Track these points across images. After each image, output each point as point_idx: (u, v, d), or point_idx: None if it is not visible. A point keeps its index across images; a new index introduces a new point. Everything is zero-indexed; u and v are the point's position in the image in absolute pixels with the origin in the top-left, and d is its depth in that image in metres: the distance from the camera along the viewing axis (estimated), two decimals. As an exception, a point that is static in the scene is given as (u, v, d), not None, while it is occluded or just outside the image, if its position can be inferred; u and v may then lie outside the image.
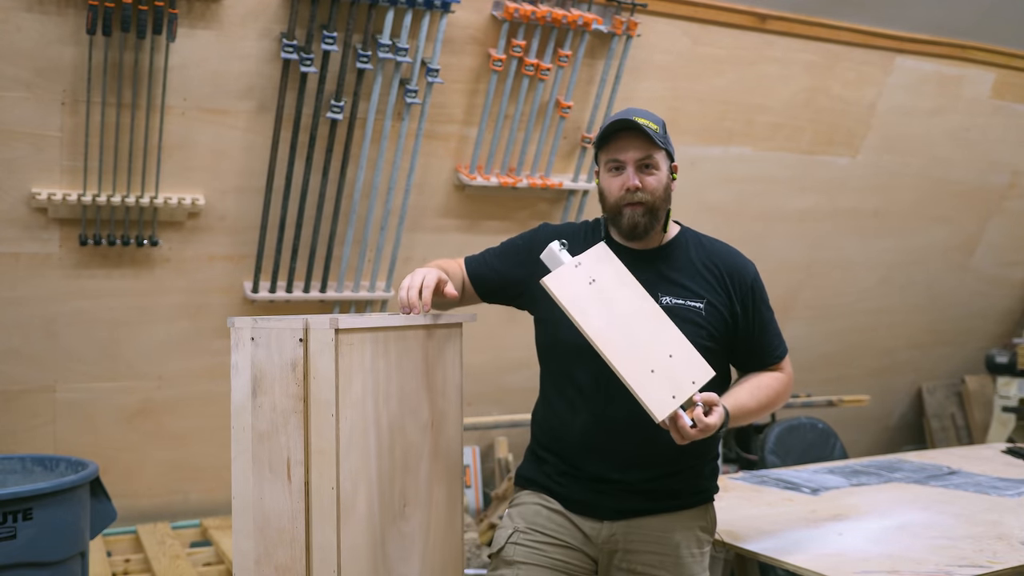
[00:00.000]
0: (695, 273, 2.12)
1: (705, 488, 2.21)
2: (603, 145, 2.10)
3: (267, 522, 1.89)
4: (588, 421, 2.10)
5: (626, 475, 2.09)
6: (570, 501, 2.14)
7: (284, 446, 1.86)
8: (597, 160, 2.15)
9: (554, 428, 2.17)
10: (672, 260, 2.14)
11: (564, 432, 2.14)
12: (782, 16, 4.64)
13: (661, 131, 2.08)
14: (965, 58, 5.24)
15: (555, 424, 2.16)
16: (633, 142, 2.06)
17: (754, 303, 2.16)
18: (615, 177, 2.08)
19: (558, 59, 4.20)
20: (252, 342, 1.90)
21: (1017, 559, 2.41)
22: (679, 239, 2.19)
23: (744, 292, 2.15)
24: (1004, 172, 5.91)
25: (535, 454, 2.22)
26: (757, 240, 5.32)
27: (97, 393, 4.09)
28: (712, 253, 2.18)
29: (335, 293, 4.23)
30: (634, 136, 2.06)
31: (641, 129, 2.04)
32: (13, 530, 2.54)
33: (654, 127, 2.06)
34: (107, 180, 3.73)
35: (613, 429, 2.08)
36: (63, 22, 3.46)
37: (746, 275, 2.18)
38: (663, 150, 2.09)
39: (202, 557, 4.03)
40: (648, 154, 2.07)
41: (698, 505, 2.18)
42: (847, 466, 3.66)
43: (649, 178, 2.07)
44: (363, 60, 3.82)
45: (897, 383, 6.59)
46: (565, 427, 2.13)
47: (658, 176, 2.08)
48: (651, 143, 2.06)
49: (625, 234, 2.11)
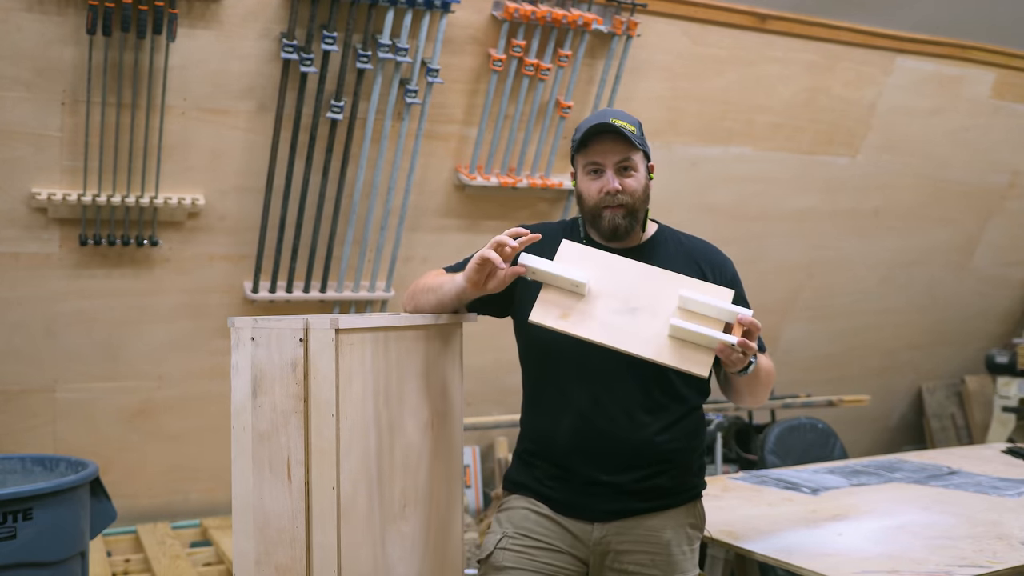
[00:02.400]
0: (677, 269, 2.10)
1: (694, 485, 2.20)
2: (581, 148, 2.10)
3: (267, 522, 1.89)
4: (575, 423, 2.09)
5: (616, 476, 2.08)
6: (560, 504, 2.12)
7: (284, 446, 1.86)
8: (574, 163, 2.15)
9: (541, 431, 2.15)
10: (653, 258, 2.13)
11: (551, 435, 2.12)
12: (782, 16, 4.64)
13: (638, 132, 2.09)
14: (965, 58, 5.24)
15: (542, 427, 2.15)
16: (611, 145, 2.06)
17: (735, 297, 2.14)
18: (594, 180, 2.09)
19: (558, 59, 4.20)
20: (252, 342, 1.90)
21: (1017, 559, 2.41)
22: (658, 237, 2.20)
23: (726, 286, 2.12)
24: (1004, 172, 5.91)
25: (523, 458, 2.20)
26: (757, 240, 5.32)
27: (97, 393, 4.09)
28: (692, 249, 2.19)
29: (335, 293, 4.22)
30: (612, 139, 2.06)
31: (619, 131, 2.04)
32: (13, 530, 2.54)
33: (631, 128, 2.06)
34: (107, 180, 3.73)
35: (601, 430, 2.07)
36: (63, 22, 3.46)
37: (727, 270, 2.18)
38: (640, 151, 2.10)
39: (202, 557, 4.03)
40: (627, 156, 2.07)
41: (687, 502, 2.18)
42: (847, 466, 3.66)
43: (628, 180, 2.07)
44: (363, 60, 3.82)
45: (897, 383, 6.59)
46: (552, 430, 2.12)
47: (637, 177, 2.09)
48: (629, 145, 2.06)
49: (606, 236, 2.12)
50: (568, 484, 2.11)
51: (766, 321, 5.68)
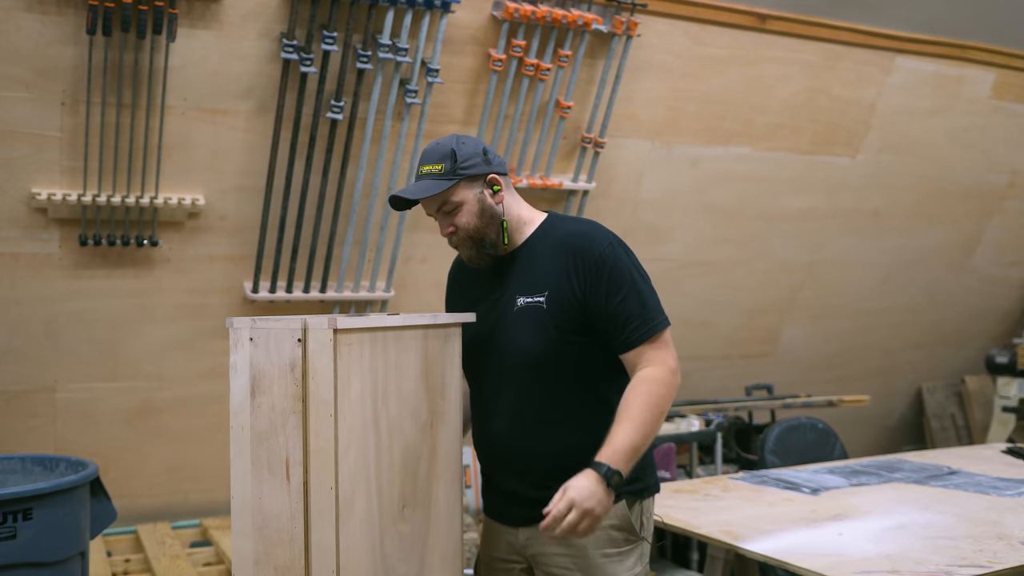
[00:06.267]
0: (545, 264, 2.07)
1: None
2: None
3: (266, 522, 1.88)
4: (481, 432, 2.17)
5: (519, 484, 2.10)
6: (491, 512, 2.22)
7: (283, 446, 1.86)
8: None
9: None
10: (527, 258, 2.11)
11: (475, 444, 2.21)
12: (782, 16, 4.64)
13: (447, 164, 2.04)
14: (965, 58, 5.24)
15: None
16: (423, 199, 2.08)
17: (600, 280, 2.01)
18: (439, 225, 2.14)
19: (558, 59, 4.20)
20: (251, 342, 1.90)
21: (1017, 559, 2.41)
22: (539, 232, 2.14)
23: (588, 269, 2.01)
24: (1004, 172, 5.91)
25: None
26: (757, 240, 5.32)
27: (97, 393, 4.09)
28: (563, 237, 2.09)
29: (335, 293, 4.23)
30: (418, 197, 2.07)
31: (408, 201, 2.07)
32: (13, 530, 2.54)
33: (437, 168, 2.04)
34: (107, 180, 3.73)
35: (497, 441, 2.12)
36: (63, 22, 3.46)
37: (591, 252, 2.02)
38: (455, 181, 2.05)
39: (202, 557, 4.03)
40: (440, 202, 2.07)
41: None
42: (847, 466, 3.66)
43: (456, 217, 2.07)
44: (363, 60, 3.82)
45: (897, 383, 6.59)
46: (474, 439, 2.21)
47: (465, 208, 2.07)
48: (435, 192, 2.04)
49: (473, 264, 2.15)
50: (490, 492, 2.21)
51: (766, 321, 5.71)
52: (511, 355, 2.06)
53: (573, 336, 2.03)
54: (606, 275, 2.00)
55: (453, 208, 2.07)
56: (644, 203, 4.87)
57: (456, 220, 2.07)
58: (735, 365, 5.75)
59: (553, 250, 2.07)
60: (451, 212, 2.07)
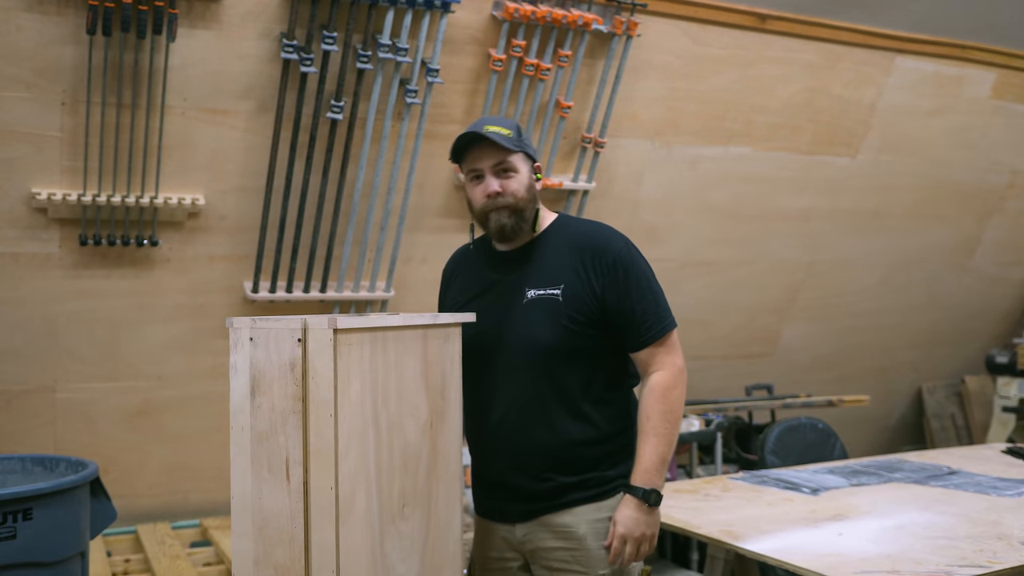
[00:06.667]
0: (560, 259, 2.13)
1: (609, 479, 2.15)
2: (459, 159, 2.17)
3: (266, 522, 1.89)
4: (476, 428, 2.18)
5: (517, 478, 2.12)
6: (483, 510, 2.22)
7: (283, 446, 1.86)
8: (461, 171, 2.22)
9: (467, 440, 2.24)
10: (541, 252, 2.17)
11: (469, 440, 2.21)
12: (782, 16, 4.64)
13: (515, 134, 2.13)
14: (965, 58, 5.24)
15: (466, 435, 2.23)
16: (486, 151, 2.12)
17: (617, 279, 2.10)
18: (477, 185, 2.15)
19: (558, 59, 4.20)
20: (251, 342, 1.90)
21: (1017, 559, 2.41)
22: (550, 230, 2.21)
23: (605, 269, 2.10)
24: (1004, 172, 5.91)
25: None
26: (757, 240, 5.32)
27: (97, 393, 4.09)
28: (579, 235, 2.18)
29: (335, 293, 4.23)
30: (486, 145, 2.11)
31: (487, 138, 2.09)
32: (13, 530, 2.54)
33: (506, 132, 2.11)
34: (107, 180, 3.73)
35: (495, 435, 2.13)
36: (63, 22, 3.46)
37: (608, 252, 2.12)
38: (519, 152, 2.14)
39: (202, 557, 4.03)
40: (503, 159, 2.12)
41: (602, 498, 2.14)
42: (847, 466, 3.66)
43: (508, 181, 2.12)
44: (363, 60, 3.82)
45: (897, 383, 6.59)
46: (468, 435, 2.21)
47: (518, 178, 2.13)
48: (503, 149, 2.10)
49: (495, 237, 2.19)
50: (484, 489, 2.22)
51: (766, 321, 5.71)
52: (520, 345, 2.10)
53: (585, 329, 2.09)
54: (622, 274, 2.10)
55: (509, 170, 2.13)
56: (644, 203, 4.87)
57: (507, 183, 2.12)
58: (735, 365, 5.75)
59: (567, 247, 2.14)
60: (505, 172, 2.12)
